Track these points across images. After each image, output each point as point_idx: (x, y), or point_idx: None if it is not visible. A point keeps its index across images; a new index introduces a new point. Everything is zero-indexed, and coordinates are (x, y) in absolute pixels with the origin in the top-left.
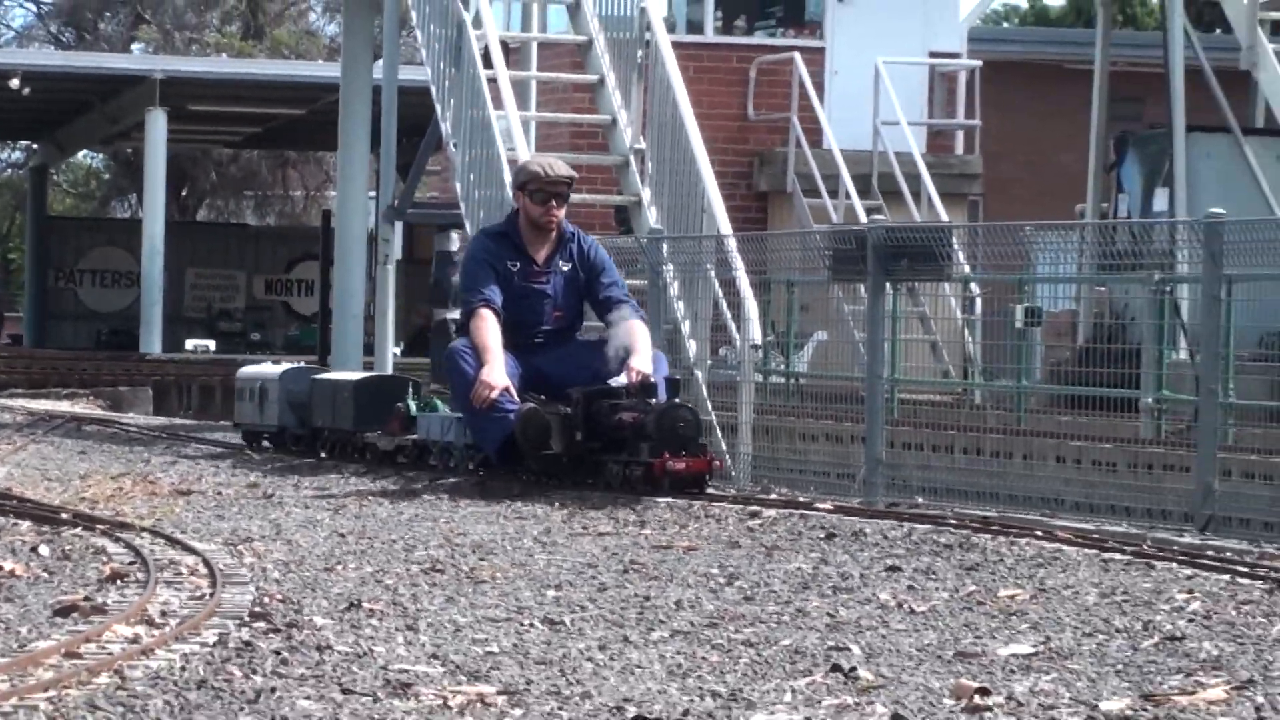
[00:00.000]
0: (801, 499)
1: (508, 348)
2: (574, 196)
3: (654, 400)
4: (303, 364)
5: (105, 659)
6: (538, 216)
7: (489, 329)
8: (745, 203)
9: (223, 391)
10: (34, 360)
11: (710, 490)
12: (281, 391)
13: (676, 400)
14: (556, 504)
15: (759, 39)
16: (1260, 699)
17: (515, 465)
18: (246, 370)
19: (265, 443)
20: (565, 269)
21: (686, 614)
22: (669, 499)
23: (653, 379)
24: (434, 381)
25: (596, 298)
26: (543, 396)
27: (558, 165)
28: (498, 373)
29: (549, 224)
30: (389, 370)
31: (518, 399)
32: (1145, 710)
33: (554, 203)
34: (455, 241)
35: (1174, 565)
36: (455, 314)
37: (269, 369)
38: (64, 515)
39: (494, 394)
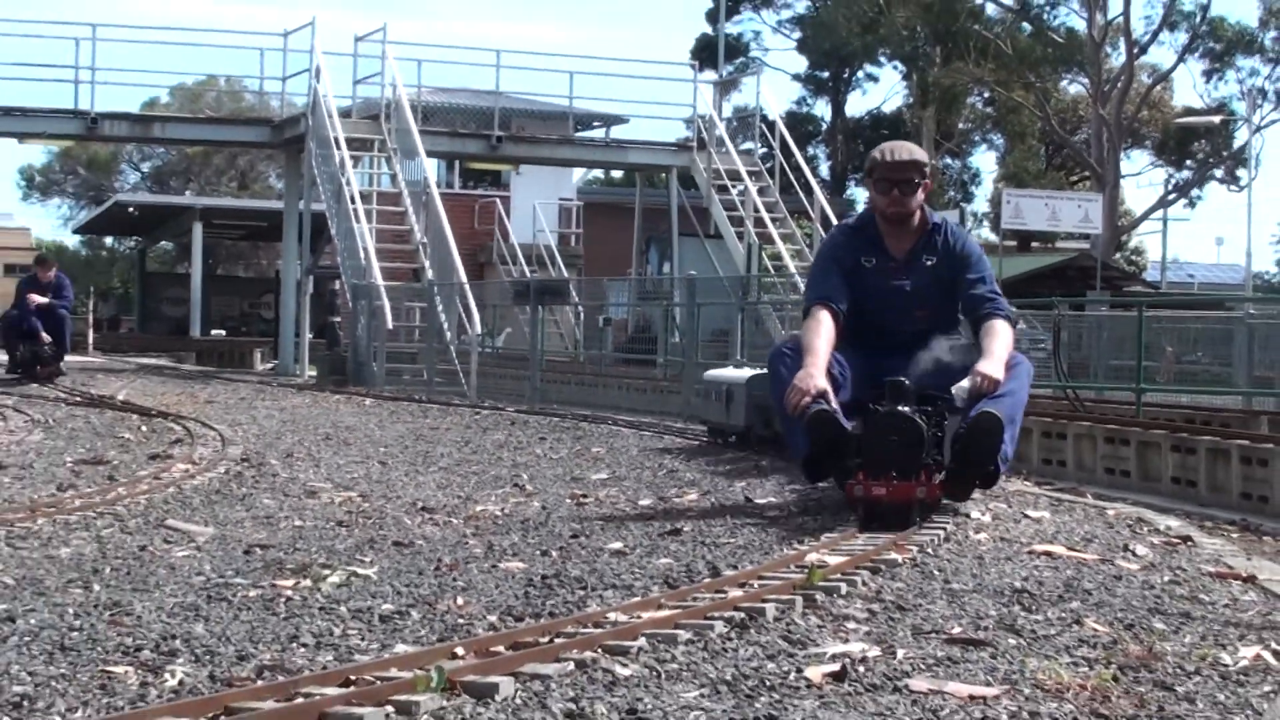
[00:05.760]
0: (499, 405)
1: (860, 348)
2: (390, 264)
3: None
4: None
5: (172, 479)
6: (883, 207)
7: (819, 329)
8: (473, 268)
9: (229, 353)
10: (139, 339)
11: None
12: (747, 395)
13: (898, 408)
14: (380, 403)
15: (480, 192)
16: (712, 499)
17: (822, 476)
18: (713, 373)
19: (731, 439)
20: (930, 264)
21: (446, 460)
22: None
23: (1002, 386)
24: (328, 348)
25: (961, 295)
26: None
27: (900, 149)
28: (816, 377)
29: (895, 214)
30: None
31: (836, 404)
32: (661, 503)
33: (898, 190)
34: (337, 284)
35: (672, 436)
36: (337, 319)
37: (735, 373)
38: (153, 412)
39: (806, 400)
